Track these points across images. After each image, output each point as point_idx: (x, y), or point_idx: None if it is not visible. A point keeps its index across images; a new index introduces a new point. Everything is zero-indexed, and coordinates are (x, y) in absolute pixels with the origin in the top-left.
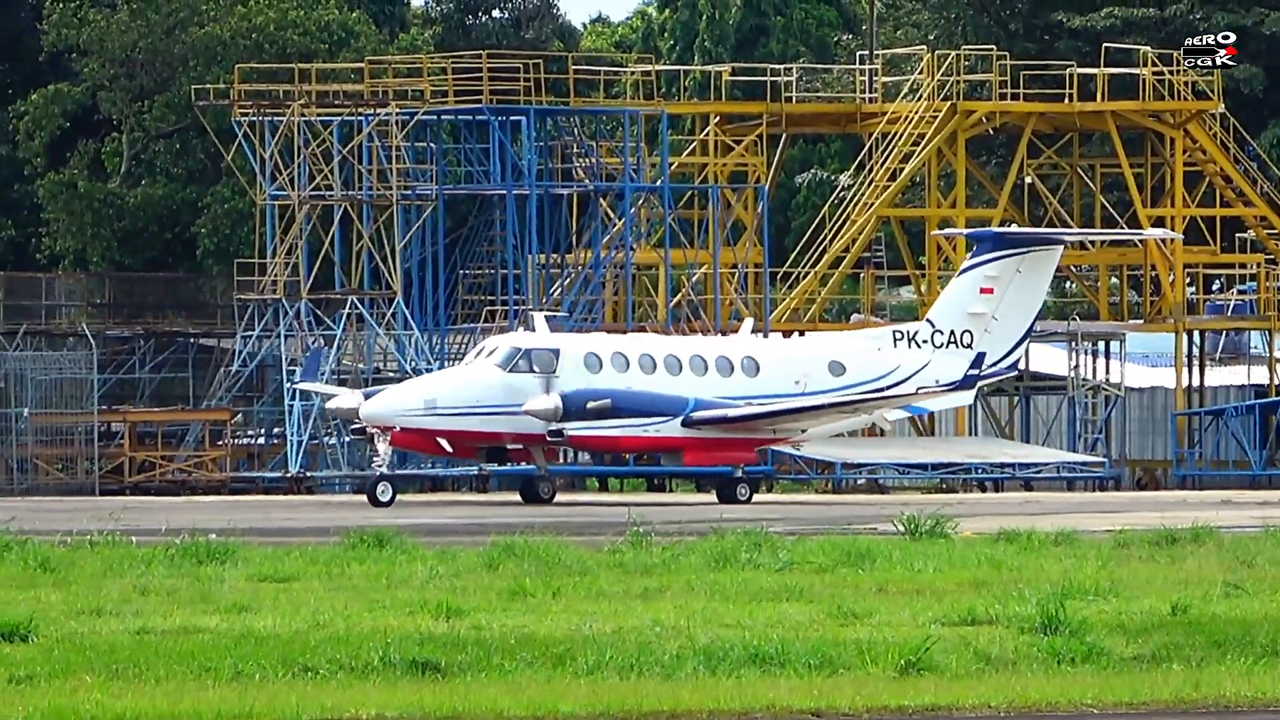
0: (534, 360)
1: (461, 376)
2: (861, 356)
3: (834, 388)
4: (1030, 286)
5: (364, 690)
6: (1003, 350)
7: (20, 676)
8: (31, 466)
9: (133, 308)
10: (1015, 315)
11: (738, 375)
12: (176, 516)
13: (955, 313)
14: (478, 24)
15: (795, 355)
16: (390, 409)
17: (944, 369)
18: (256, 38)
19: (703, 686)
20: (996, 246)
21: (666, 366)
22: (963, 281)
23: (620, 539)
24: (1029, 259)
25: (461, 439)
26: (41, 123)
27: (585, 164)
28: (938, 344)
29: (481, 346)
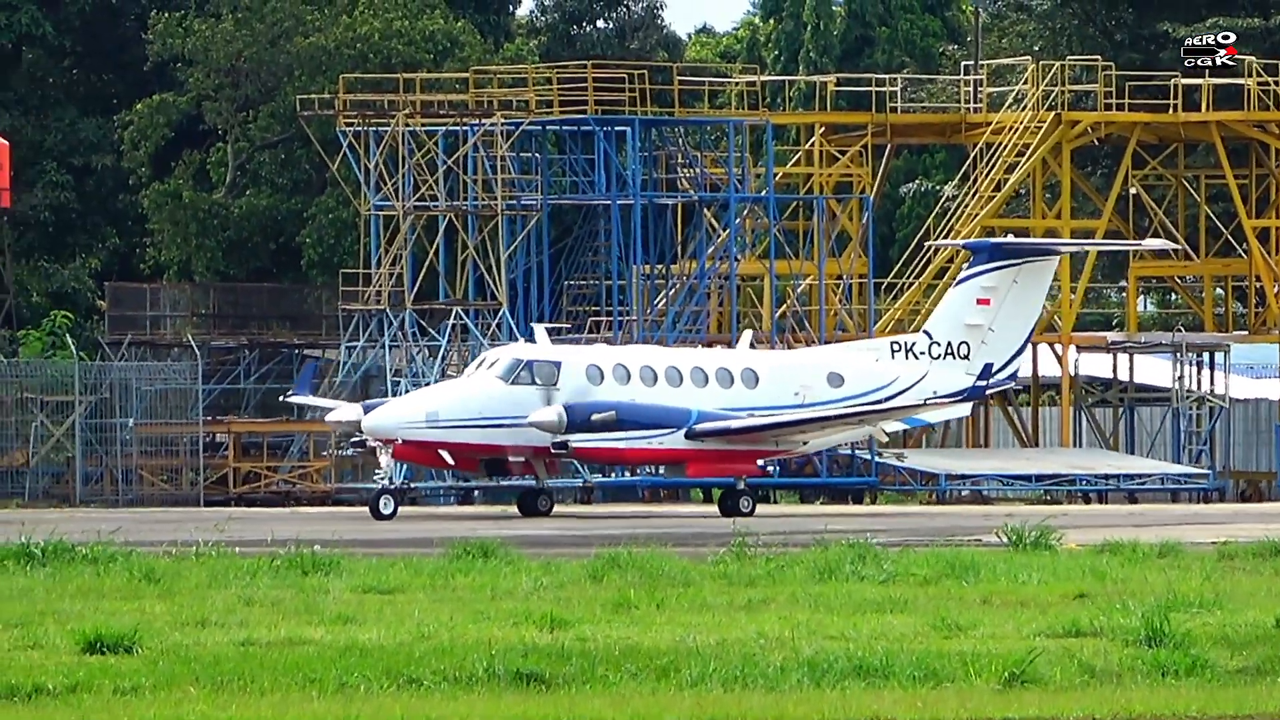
0: (535, 372)
1: (463, 389)
2: (860, 368)
3: (833, 399)
4: (1027, 297)
5: (469, 702)
6: (1000, 361)
7: (125, 688)
8: (136, 477)
9: (237, 318)
10: (1012, 326)
11: (738, 387)
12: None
13: (952, 324)
14: (582, 34)
15: (794, 367)
16: (392, 422)
17: (942, 380)
18: (361, 47)
19: (807, 698)
20: (993, 257)
21: (667, 378)
22: (959, 293)
23: (724, 550)
24: (1026, 270)
25: (463, 451)
26: (146, 133)
27: (690, 174)
28: (935, 355)
29: (482, 358)
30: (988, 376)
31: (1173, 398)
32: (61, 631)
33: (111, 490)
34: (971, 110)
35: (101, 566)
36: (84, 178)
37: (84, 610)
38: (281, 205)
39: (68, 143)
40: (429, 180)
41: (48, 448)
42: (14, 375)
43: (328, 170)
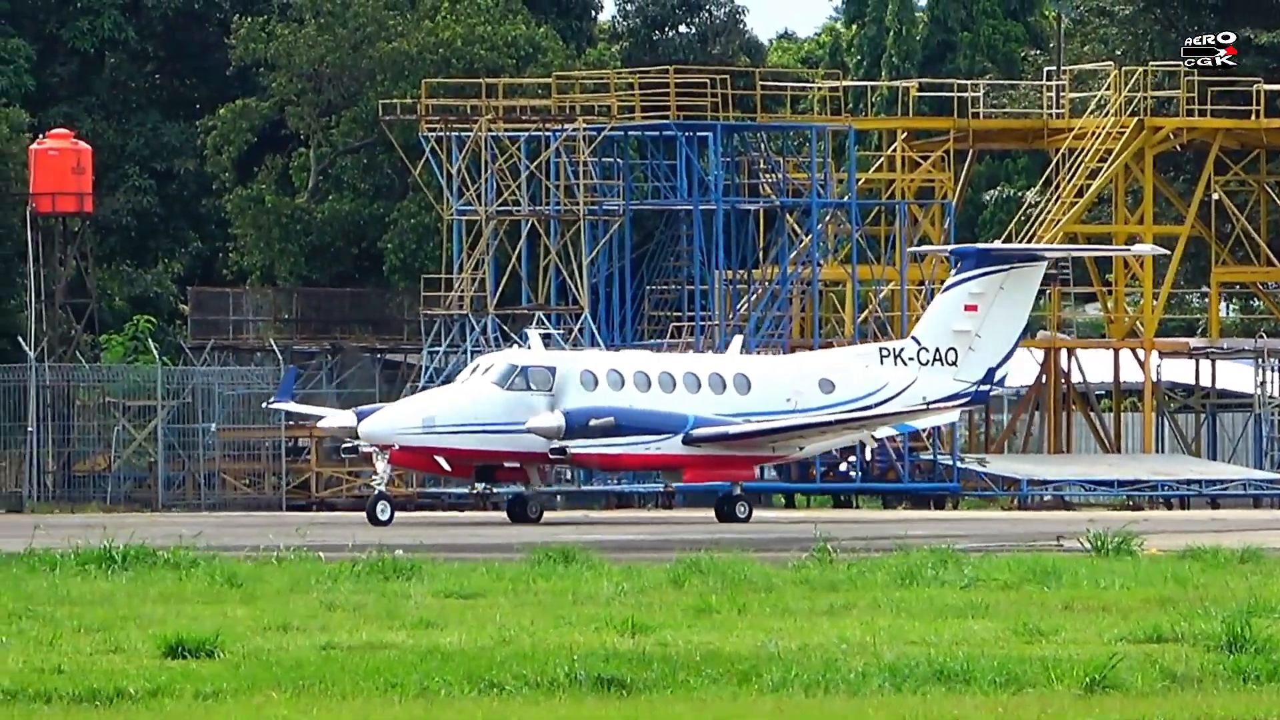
0: (531, 378)
1: (459, 395)
2: (850, 374)
3: (824, 405)
4: (1014, 303)
5: (550, 707)
6: (987, 368)
7: (206, 692)
8: (219, 481)
9: (319, 323)
10: (999, 332)
11: (730, 393)
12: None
13: (940, 330)
14: (665, 39)
15: (786, 372)
16: (389, 427)
17: (930, 386)
18: (444, 53)
19: (888, 704)
20: (980, 264)
21: (661, 384)
22: (947, 299)
23: (806, 555)
24: (1012, 276)
25: (460, 457)
26: (229, 137)
27: (772, 179)
28: (924, 361)
29: (477, 364)
30: (990, 381)
31: (1255, 403)
32: (143, 635)
33: (193, 495)
34: (1054, 116)
35: (183, 571)
36: (167, 182)
37: (165, 614)
38: (364, 210)
39: (150, 147)
40: (511, 185)
41: (130, 452)
42: (97, 380)
43: (410, 175)
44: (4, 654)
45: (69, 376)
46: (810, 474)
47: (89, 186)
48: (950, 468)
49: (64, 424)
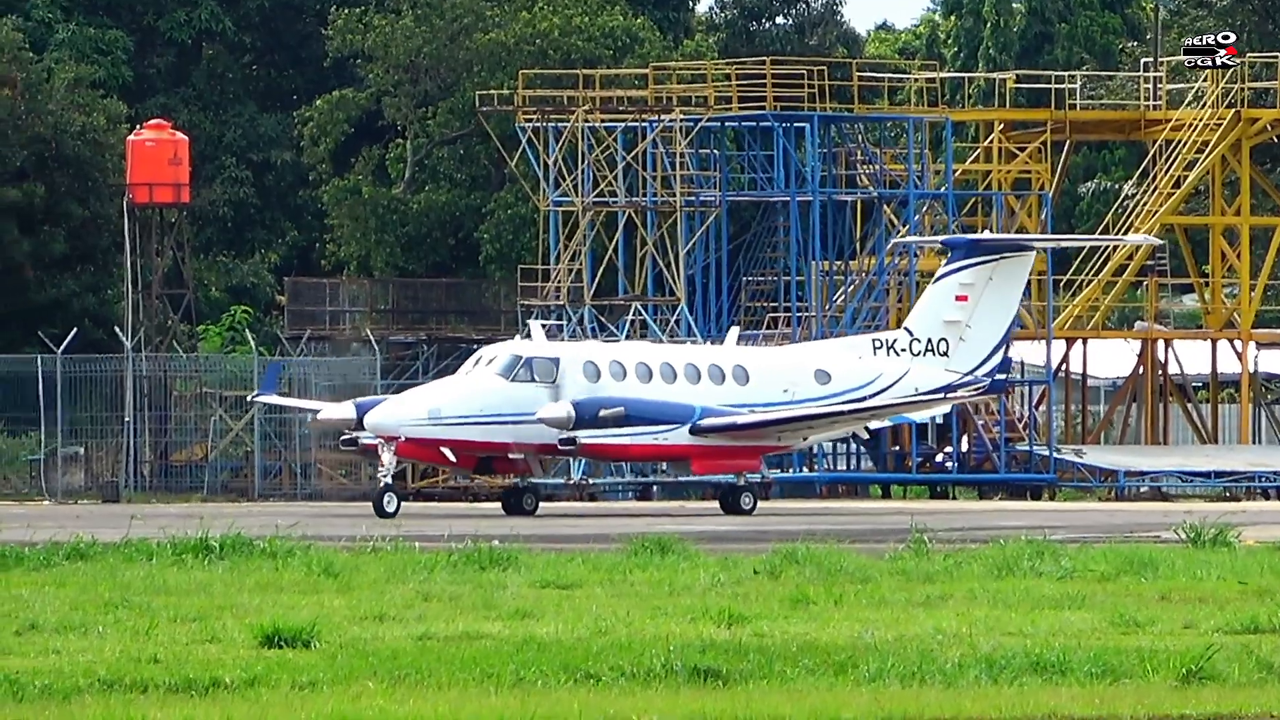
0: (535, 369)
1: (464, 386)
2: (846, 365)
3: (820, 396)
4: (1004, 294)
5: (646, 697)
6: (978, 358)
7: (303, 682)
8: (315, 471)
9: (416, 313)
10: (989, 323)
11: (729, 384)
12: (459, 523)
13: (931, 321)
14: (761, 30)
15: (783, 363)
16: (395, 419)
17: (923, 377)
18: (541, 44)
19: (984, 694)
20: (970, 254)
21: (662, 375)
22: (938, 289)
23: (902, 546)
24: (1002, 266)
25: (466, 449)
26: (326, 128)
27: (869, 170)
28: (916, 352)
29: (479, 355)
30: (1007, 369)
31: None
32: (239, 625)
33: (289, 485)
34: (1151, 107)
35: (280, 561)
36: (263, 173)
37: (262, 604)
38: (460, 201)
39: (247, 138)
40: (608, 176)
41: (226, 442)
42: (194, 370)
43: (506, 166)
44: (101, 644)
45: (166, 367)
46: (906, 465)
47: (186, 177)
48: (1046, 459)
49: (161, 414)
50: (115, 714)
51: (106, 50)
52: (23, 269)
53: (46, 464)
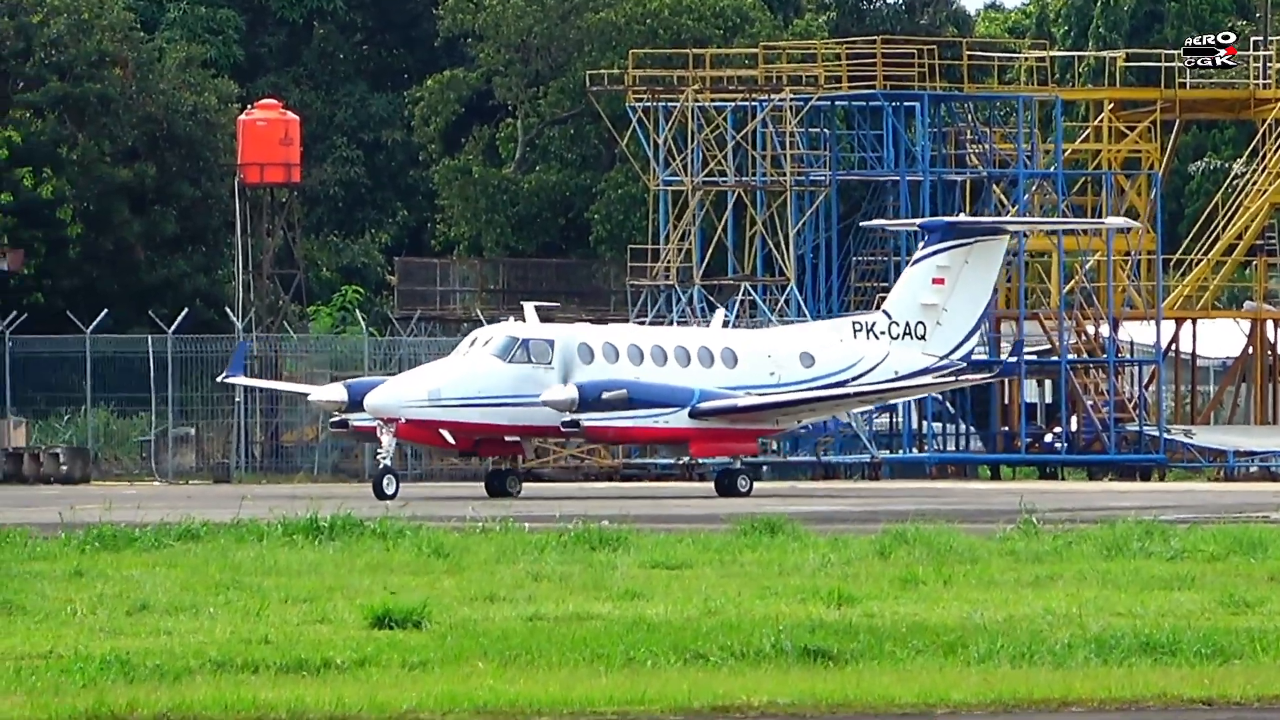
0: (532, 351)
1: (463, 367)
2: (829, 348)
3: (805, 379)
4: (979, 277)
5: (755, 678)
6: (954, 341)
7: (413, 662)
8: (425, 453)
9: (526, 293)
10: (965, 306)
11: (718, 367)
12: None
13: (909, 304)
14: (871, 9)
15: (769, 347)
16: (395, 401)
17: (902, 360)
18: (651, 23)
19: (1094, 675)
20: (946, 236)
21: (653, 357)
22: (915, 272)
23: (1012, 527)
24: (977, 249)
25: (465, 430)
26: (437, 108)
27: (978, 150)
28: (894, 335)
29: (474, 337)
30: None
31: None
32: (350, 606)
33: (400, 465)
34: (1261, 86)
35: (390, 542)
36: (374, 153)
37: (372, 585)
38: (570, 181)
39: (358, 118)
40: (717, 156)
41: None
42: (304, 350)
43: (616, 146)
44: (212, 624)
45: (276, 347)
46: (1015, 445)
47: (297, 157)
48: (1156, 439)
49: (271, 395)
50: (226, 694)
51: (218, 30)
52: (134, 249)
53: (157, 445)
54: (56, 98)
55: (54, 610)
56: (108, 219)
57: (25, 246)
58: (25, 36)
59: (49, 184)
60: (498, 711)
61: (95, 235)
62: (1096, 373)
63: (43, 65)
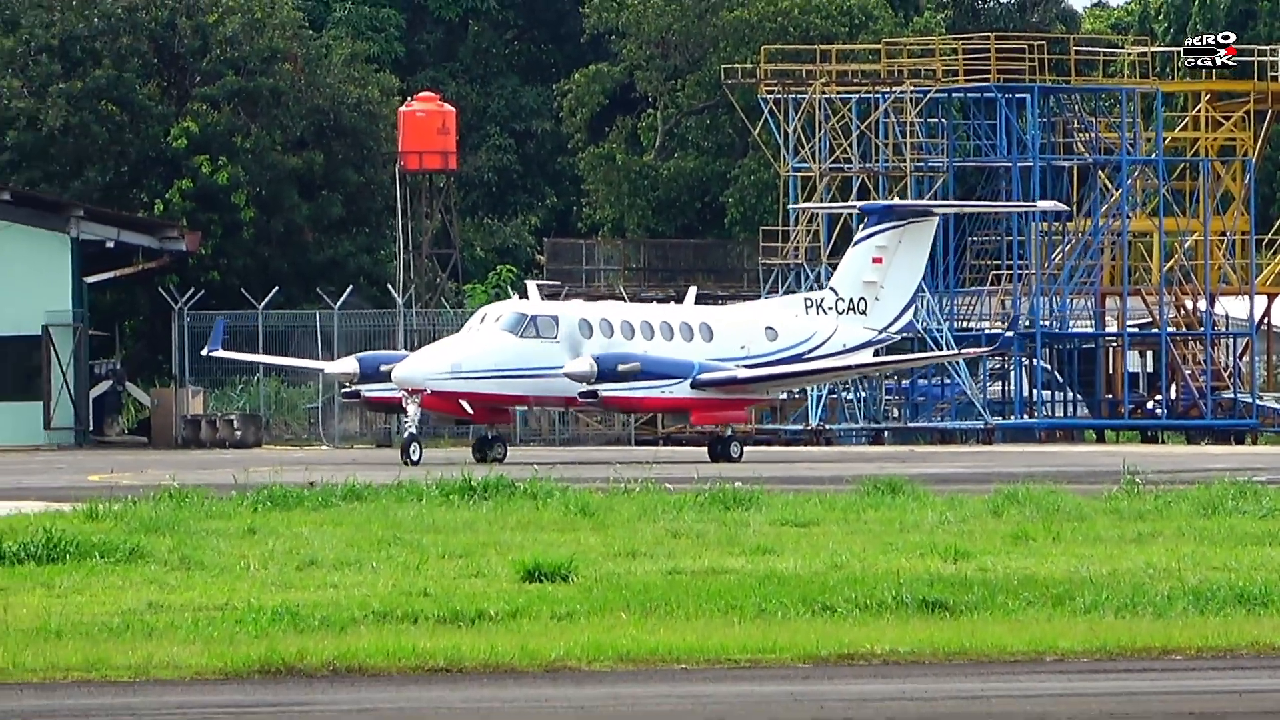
0: (540, 326)
1: (478, 342)
2: (788, 323)
3: (770, 351)
4: (912, 256)
5: (878, 627)
6: (891, 315)
7: (561, 614)
8: (573, 417)
9: (665, 272)
10: (901, 282)
11: (698, 340)
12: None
13: (853, 281)
14: (986, 8)
15: (740, 322)
16: (422, 373)
17: (848, 334)
18: (781, 21)
19: (1191, 625)
20: (884, 219)
21: (642, 332)
22: (857, 251)
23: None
24: (910, 230)
25: (483, 400)
26: (583, 100)
27: (1085, 138)
28: (841, 310)
29: (484, 313)
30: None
31: None
32: (503, 561)
33: (548, 431)
34: None
35: (540, 501)
36: (525, 141)
37: (523, 541)
38: (706, 167)
39: (510, 109)
40: (843, 144)
41: None
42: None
43: (749, 135)
44: (375, 578)
45: (434, 322)
46: (1119, 411)
47: (453, 145)
48: (1249, 405)
49: None
50: (388, 643)
51: (380, 27)
52: (303, 231)
53: (324, 411)
54: (231, 91)
55: (229, 565)
56: (278, 203)
57: (203, 229)
58: (202, 35)
59: (225, 171)
60: (639, 659)
61: (267, 218)
62: (1194, 344)
63: (219, 61)
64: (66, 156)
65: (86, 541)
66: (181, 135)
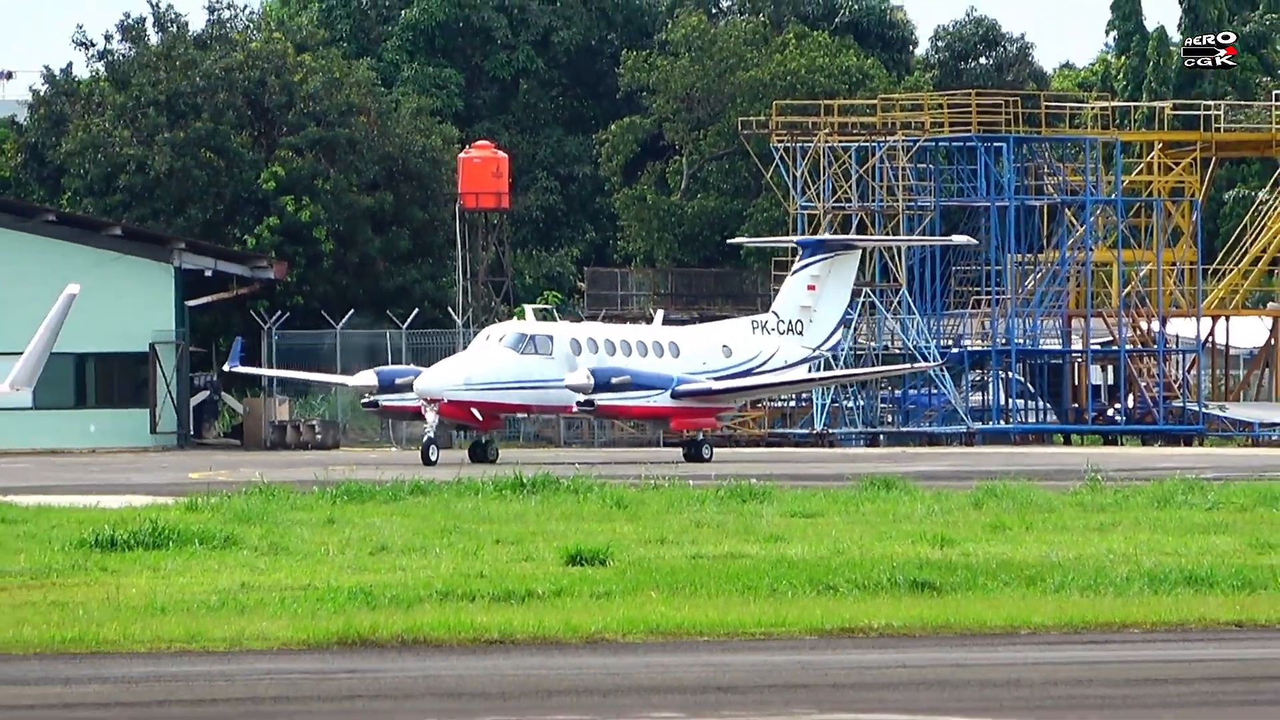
0: (538, 344)
1: (486, 358)
2: (740, 341)
3: (725, 367)
4: (840, 284)
5: (875, 605)
6: (823, 336)
7: (600, 593)
8: (609, 424)
9: (690, 296)
10: (831, 307)
11: (667, 357)
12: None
13: (791, 306)
14: (968, 68)
15: (700, 340)
16: (441, 385)
17: (789, 352)
18: (791, 80)
19: (1147, 603)
20: (816, 251)
21: (621, 349)
22: (795, 280)
23: (1080, 484)
24: (838, 261)
25: (491, 409)
26: (618, 148)
27: (1054, 181)
28: (781, 331)
29: (487, 333)
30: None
31: None
32: (549, 547)
33: (588, 435)
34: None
35: (581, 495)
36: (568, 184)
37: (566, 530)
38: (725, 206)
39: (555, 156)
40: (844, 186)
41: None
42: None
43: (763, 178)
44: (438, 562)
45: None
46: (1083, 418)
47: (506, 187)
48: (1196, 413)
49: None
50: (449, 619)
51: (442, 85)
52: (375, 262)
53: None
54: (313, 140)
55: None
56: (354, 237)
57: (288, 259)
58: (289, 92)
59: (307, 209)
60: (667, 632)
61: (344, 250)
62: (1148, 360)
63: (302, 114)
64: (171, 197)
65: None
66: (270, 178)
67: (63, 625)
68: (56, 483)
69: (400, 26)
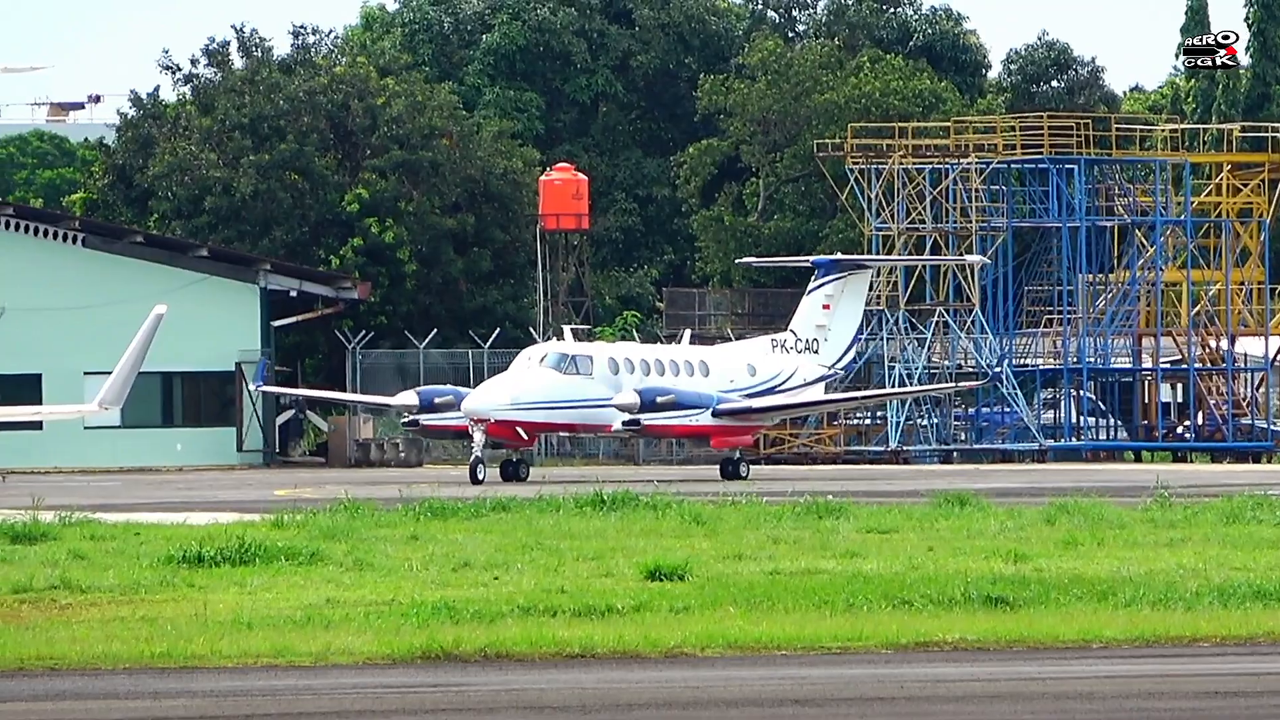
0: (578, 364)
1: (530, 378)
2: (762, 360)
3: (750, 385)
4: (854, 302)
5: (949, 619)
6: (838, 353)
7: (679, 608)
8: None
9: (766, 316)
10: (845, 326)
11: (697, 376)
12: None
13: (808, 325)
14: (1040, 91)
15: (728, 359)
16: (488, 405)
17: (807, 370)
18: (865, 103)
19: (1216, 617)
20: (830, 271)
21: (655, 368)
22: (811, 299)
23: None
24: (851, 280)
25: (535, 428)
26: (696, 170)
27: (1124, 202)
28: (799, 350)
29: (529, 354)
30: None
31: None
32: (628, 563)
33: (666, 452)
34: None
35: (659, 512)
36: (646, 205)
37: (646, 546)
38: (801, 227)
39: (634, 178)
40: (918, 207)
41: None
42: None
43: (838, 199)
44: (520, 578)
45: None
46: (1153, 435)
47: (586, 209)
48: (1265, 430)
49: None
50: (531, 633)
51: (523, 109)
52: (458, 282)
53: None
54: (397, 163)
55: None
56: (436, 258)
57: (372, 280)
58: (372, 115)
59: (391, 231)
60: (745, 647)
61: (427, 271)
62: (1217, 378)
63: (386, 137)
64: (256, 218)
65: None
66: (354, 200)
67: (151, 640)
68: (145, 500)
69: (481, 51)
